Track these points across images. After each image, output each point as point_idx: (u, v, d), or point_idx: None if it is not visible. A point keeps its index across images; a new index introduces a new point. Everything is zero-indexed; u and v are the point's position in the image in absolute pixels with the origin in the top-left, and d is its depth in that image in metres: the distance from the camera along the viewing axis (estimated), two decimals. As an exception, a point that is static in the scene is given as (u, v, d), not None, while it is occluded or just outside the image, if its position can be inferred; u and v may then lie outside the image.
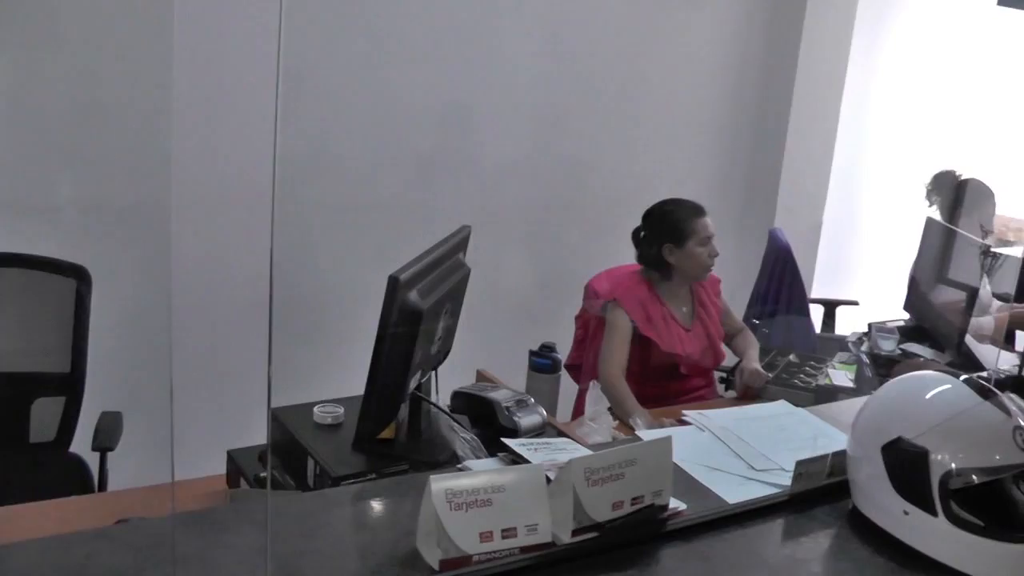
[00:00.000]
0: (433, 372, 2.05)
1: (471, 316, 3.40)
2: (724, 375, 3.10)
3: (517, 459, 1.65)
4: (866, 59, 4.80)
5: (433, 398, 2.05)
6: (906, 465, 1.57)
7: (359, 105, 3.35)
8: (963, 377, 1.69)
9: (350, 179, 3.39)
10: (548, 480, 1.43)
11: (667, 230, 2.89)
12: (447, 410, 2.01)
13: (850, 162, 4.94)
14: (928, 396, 1.65)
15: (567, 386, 2.82)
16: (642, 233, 2.94)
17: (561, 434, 1.98)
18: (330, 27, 3.23)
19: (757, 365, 2.90)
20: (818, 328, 4.16)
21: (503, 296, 3.74)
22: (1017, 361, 2.86)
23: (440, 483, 1.34)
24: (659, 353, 2.86)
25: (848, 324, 4.08)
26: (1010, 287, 3.21)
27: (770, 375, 2.93)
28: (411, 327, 1.73)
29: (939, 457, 1.55)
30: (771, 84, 4.45)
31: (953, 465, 1.55)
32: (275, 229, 1.05)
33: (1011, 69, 4.66)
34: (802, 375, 2.98)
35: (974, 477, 1.55)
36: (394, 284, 1.67)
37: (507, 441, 1.74)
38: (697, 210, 2.91)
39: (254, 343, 3.17)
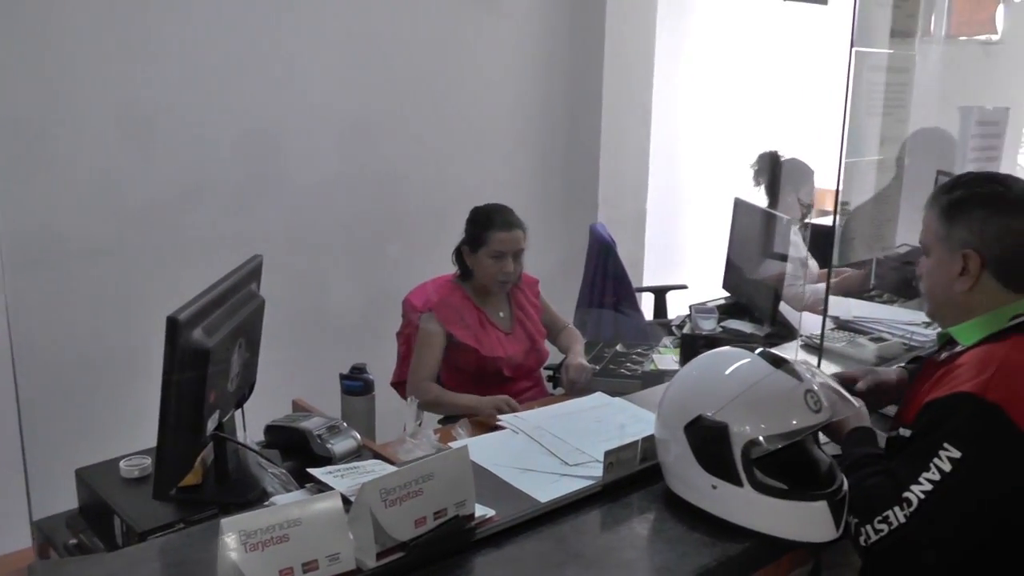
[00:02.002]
0: (238, 409, 1.97)
1: (290, 344, 3.33)
2: (551, 374, 3.11)
3: (325, 488, 1.60)
4: (673, 47, 4.93)
5: (241, 435, 1.97)
6: (709, 441, 1.61)
7: (149, 136, 3.19)
8: (758, 350, 1.74)
9: (147, 219, 3.22)
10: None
11: (468, 234, 2.88)
12: (254, 447, 1.93)
13: (668, 151, 5.06)
14: (724, 372, 1.69)
15: (398, 404, 2.77)
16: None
17: (378, 456, 1.93)
18: (112, 56, 3.07)
19: (582, 360, 2.92)
20: (651, 315, 4.24)
21: (325, 319, 3.65)
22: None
23: (232, 526, 1.28)
24: (481, 359, 2.84)
25: (682, 309, 4.15)
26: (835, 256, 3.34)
27: (596, 368, 2.95)
28: (199, 367, 1.65)
29: (738, 429, 1.59)
30: (580, 81, 4.50)
31: (753, 435, 1.58)
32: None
33: (808, 54, 4.88)
34: (629, 363, 3.02)
35: (773, 444, 1.59)
36: (174, 325, 1.59)
37: (312, 471, 1.69)
38: (500, 223, 2.84)
39: (56, 406, 3.00)
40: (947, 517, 1.53)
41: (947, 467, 1.52)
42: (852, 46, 2.41)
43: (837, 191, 2.57)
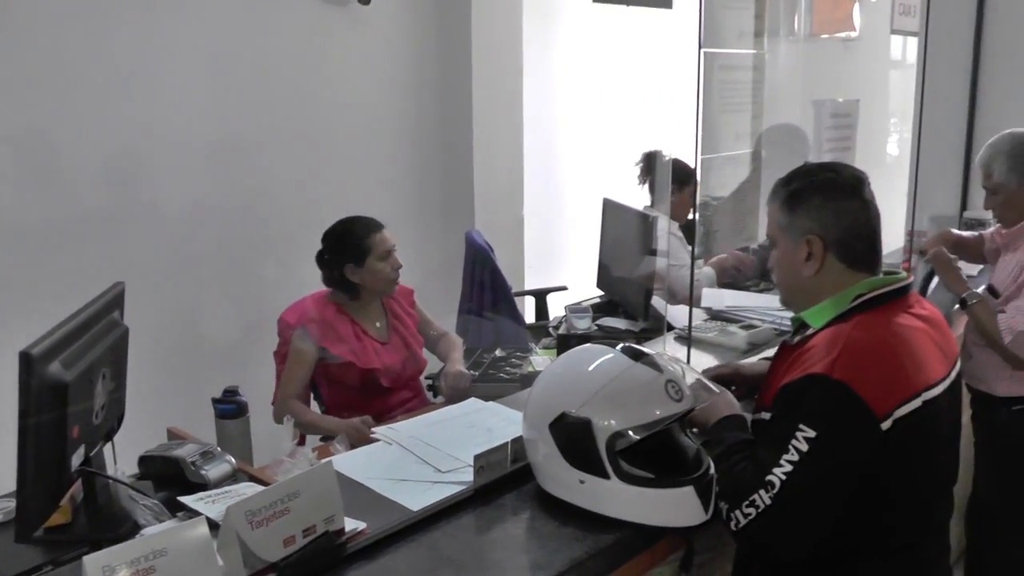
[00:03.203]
0: (108, 442, 1.93)
1: (163, 371, 3.27)
2: (431, 382, 3.13)
3: (197, 516, 1.58)
4: (541, 54, 5.02)
5: (112, 468, 1.93)
6: (573, 437, 1.65)
7: (7, 161, 3.08)
8: (620, 345, 1.79)
9: (3, 250, 3.11)
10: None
11: (346, 250, 2.88)
12: (124, 479, 1.89)
13: (544, 155, 5.14)
14: (586, 369, 1.73)
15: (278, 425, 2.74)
16: (325, 256, 2.93)
17: (254, 479, 1.92)
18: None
19: (460, 367, 2.95)
20: (532, 318, 4.30)
21: (201, 344, 3.58)
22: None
23: (95, 562, 1.27)
24: (358, 371, 2.85)
25: (563, 310, 4.21)
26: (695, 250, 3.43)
27: (475, 374, 2.99)
28: (58, 402, 1.62)
29: (601, 423, 1.64)
30: (449, 90, 4.53)
31: (616, 428, 1.63)
32: None
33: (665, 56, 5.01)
34: (508, 367, 3.07)
35: (637, 435, 1.64)
36: (27, 360, 1.55)
37: (183, 499, 1.67)
38: (373, 226, 2.92)
39: None
40: (809, 495, 1.58)
41: (804, 447, 1.57)
42: (700, 47, 2.50)
43: (695, 186, 2.65)
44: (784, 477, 1.57)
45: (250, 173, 3.78)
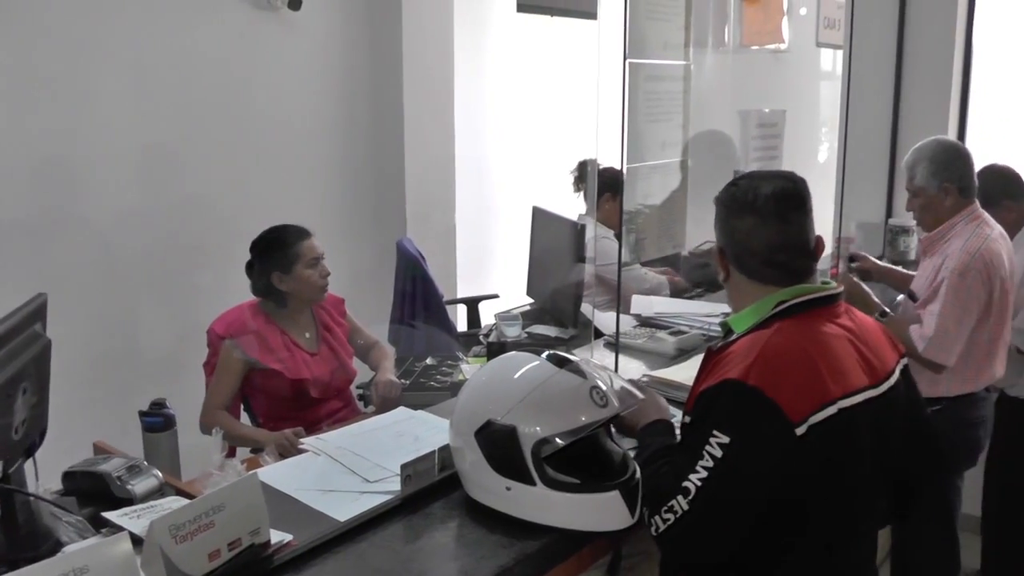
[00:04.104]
0: (29, 458, 1.90)
1: (92, 384, 3.22)
2: (361, 392, 3.13)
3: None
4: (472, 63, 5.03)
5: (34, 485, 1.90)
6: (499, 444, 1.67)
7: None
8: (545, 353, 1.81)
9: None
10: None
11: (273, 258, 2.86)
12: (46, 495, 1.86)
13: (476, 164, 5.15)
14: (511, 377, 1.75)
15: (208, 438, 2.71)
16: (253, 265, 2.91)
17: (181, 493, 1.90)
18: None
19: (391, 376, 2.95)
20: (465, 326, 4.30)
21: (131, 355, 3.53)
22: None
23: (11, 581, 1.25)
24: (287, 382, 2.83)
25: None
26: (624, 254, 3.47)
27: (406, 383, 2.99)
28: (-28, 418, 1.59)
29: (527, 430, 1.65)
30: (380, 99, 4.51)
31: (541, 434, 1.65)
32: None
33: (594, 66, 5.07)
34: (439, 376, 3.07)
35: (562, 441, 1.66)
36: (-59, 376, 1.53)
37: (106, 514, 1.66)
38: (300, 233, 2.90)
39: None
40: (724, 501, 1.59)
41: (718, 452, 1.57)
42: (625, 58, 2.54)
43: (620, 194, 2.69)
44: (699, 483, 1.58)
45: (180, 180, 3.73)
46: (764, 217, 1.76)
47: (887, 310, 2.97)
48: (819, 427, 1.60)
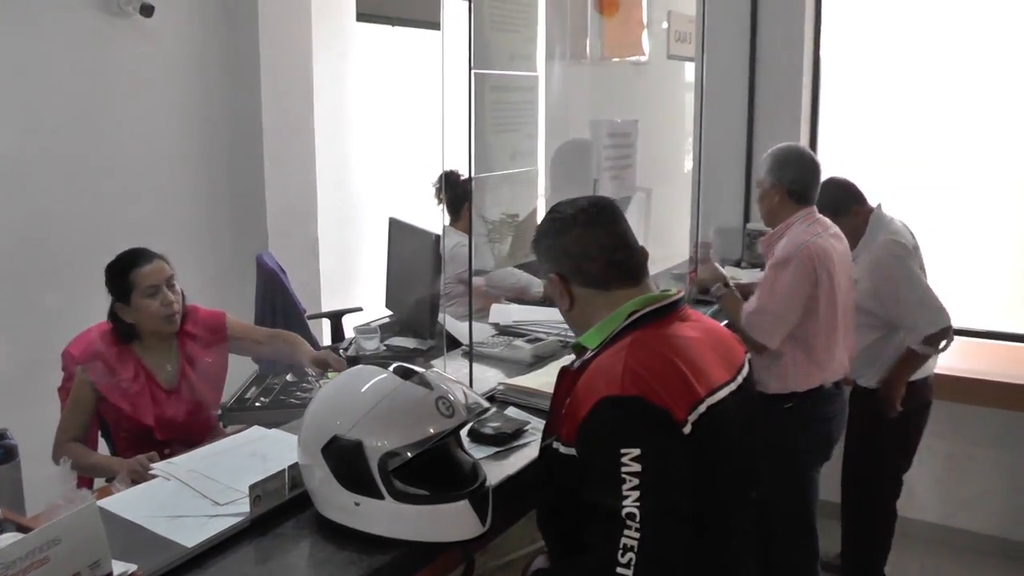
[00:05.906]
0: None
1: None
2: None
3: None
4: (334, 76, 5.00)
5: None
6: (346, 460, 1.68)
7: None
8: (392, 365, 1.82)
9: None
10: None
11: (113, 287, 2.68)
12: None
13: (338, 177, 5.12)
14: (356, 390, 1.76)
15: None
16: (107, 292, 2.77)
17: (22, 528, 1.85)
18: None
19: (322, 353, 2.85)
20: (329, 340, 4.28)
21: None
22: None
23: None
24: (132, 421, 2.66)
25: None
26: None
27: (266, 400, 2.96)
28: None
29: (372, 444, 1.67)
30: (238, 113, 4.43)
31: (387, 448, 1.67)
32: None
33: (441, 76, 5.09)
34: (298, 392, 3.05)
35: (409, 453, 1.68)
36: None
37: (-64, 555, 1.59)
38: (139, 259, 2.67)
39: None
40: (669, 507, 1.57)
41: (637, 467, 1.55)
42: (471, 68, 2.58)
43: (469, 204, 2.72)
44: (637, 504, 1.54)
45: (27, 196, 3.59)
46: (590, 224, 1.83)
47: (729, 282, 3.22)
48: (697, 424, 1.63)
